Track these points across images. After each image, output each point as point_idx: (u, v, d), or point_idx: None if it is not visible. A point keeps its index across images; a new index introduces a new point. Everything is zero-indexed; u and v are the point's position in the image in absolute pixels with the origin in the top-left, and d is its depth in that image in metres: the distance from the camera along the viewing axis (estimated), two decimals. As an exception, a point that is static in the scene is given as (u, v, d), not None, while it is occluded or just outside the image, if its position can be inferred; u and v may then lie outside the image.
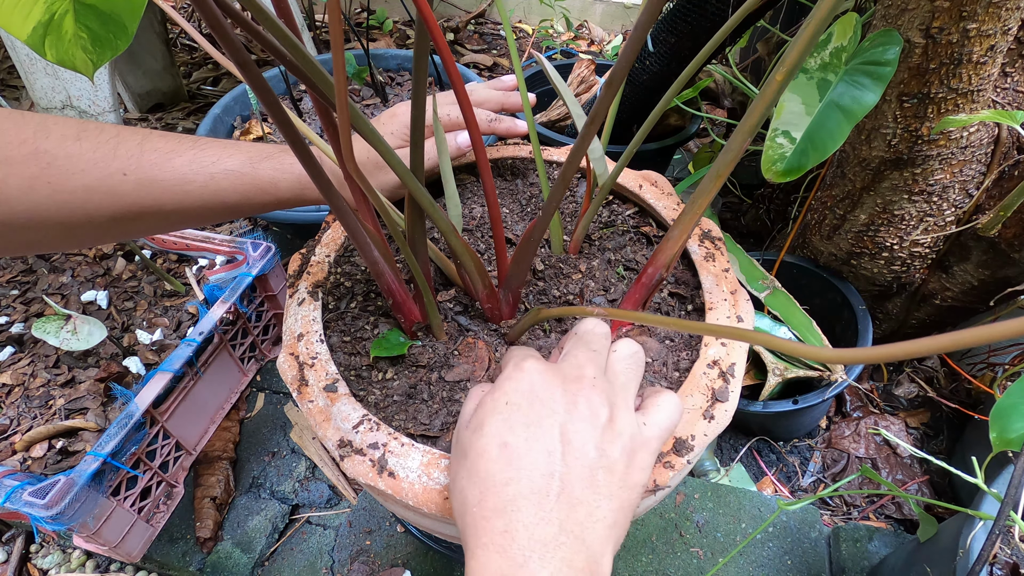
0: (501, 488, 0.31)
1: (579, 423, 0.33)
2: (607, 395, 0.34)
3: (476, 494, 0.32)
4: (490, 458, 0.32)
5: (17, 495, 0.63)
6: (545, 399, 0.33)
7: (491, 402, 0.34)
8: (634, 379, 0.37)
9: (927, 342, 0.20)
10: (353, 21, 2.00)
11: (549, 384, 0.34)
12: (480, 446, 0.33)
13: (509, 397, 0.34)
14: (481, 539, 0.30)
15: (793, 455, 0.88)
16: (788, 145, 0.60)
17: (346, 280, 0.55)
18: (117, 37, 0.27)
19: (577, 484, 0.31)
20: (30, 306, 0.91)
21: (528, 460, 0.31)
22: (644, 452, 0.34)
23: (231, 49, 0.28)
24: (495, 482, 0.31)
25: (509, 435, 0.32)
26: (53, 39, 0.27)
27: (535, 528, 0.30)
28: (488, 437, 0.33)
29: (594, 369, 0.35)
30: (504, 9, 0.48)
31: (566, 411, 0.33)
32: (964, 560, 0.52)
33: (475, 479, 0.32)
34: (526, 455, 0.32)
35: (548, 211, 0.42)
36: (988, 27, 0.58)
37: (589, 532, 0.31)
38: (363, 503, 0.82)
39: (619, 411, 0.34)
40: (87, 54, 0.28)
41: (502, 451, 0.32)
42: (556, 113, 1.21)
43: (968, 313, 0.82)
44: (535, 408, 0.33)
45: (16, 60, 1.09)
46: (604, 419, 0.33)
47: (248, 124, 1.19)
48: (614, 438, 0.33)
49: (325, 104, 0.36)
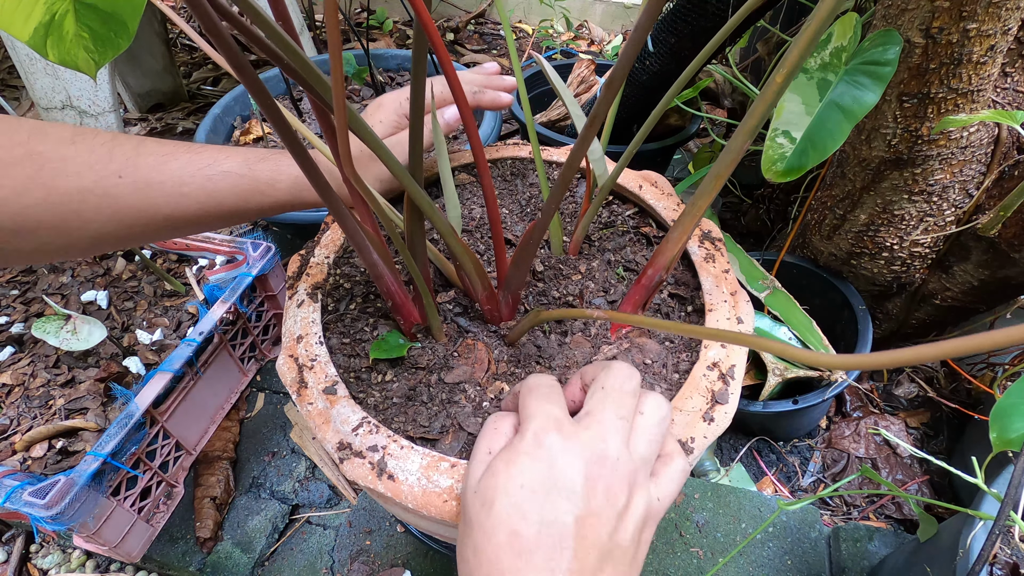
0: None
1: (595, 516, 0.31)
2: (628, 476, 0.33)
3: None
4: (498, 544, 0.31)
5: (17, 495, 0.63)
6: (562, 488, 0.31)
7: (504, 478, 0.32)
8: (655, 447, 0.35)
9: (926, 349, 0.20)
10: (353, 21, 2.00)
11: (569, 467, 0.32)
12: (489, 527, 0.31)
13: (524, 479, 0.32)
14: None
15: (793, 455, 0.88)
16: (788, 145, 0.60)
17: (345, 281, 0.55)
18: (118, 36, 0.27)
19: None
20: (30, 306, 0.91)
21: (539, 556, 0.30)
22: (651, 524, 0.34)
23: (227, 52, 0.28)
24: (503, 569, 0.30)
25: (521, 524, 0.31)
26: (55, 39, 0.27)
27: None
28: (497, 518, 0.31)
29: (618, 443, 0.33)
30: (504, 9, 0.48)
31: (583, 501, 0.31)
32: (964, 560, 0.52)
33: (481, 559, 0.31)
34: (537, 550, 0.30)
35: (548, 213, 0.42)
36: (988, 27, 0.58)
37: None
38: (363, 503, 0.82)
39: (637, 492, 0.33)
40: (89, 53, 0.28)
41: (512, 540, 0.31)
42: (556, 113, 1.21)
43: (968, 313, 0.82)
44: (551, 499, 0.31)
45: (16, 60, 1.09)
46: (621, 505, 0.32)
47: (248, 124, 1.19)
48: (628, 523, 0.32)
49: (323, 106, 0.36)
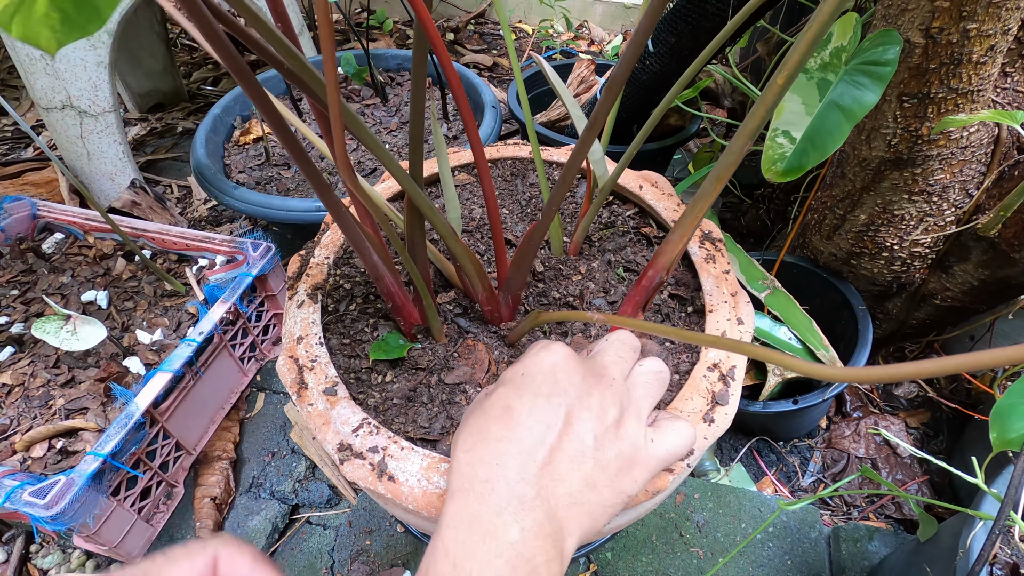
0: (493, 443, 0.32)
1: (585, 412, 0.33)
2: (621, 399, 0.35)
3: (469, 443, 0.33)
4: (490, 416, 0.33)
5: (17, 495, 0.63)
6: (560, 380, 0.34)
7: (509, 372, 0.36)
8: (654, 394, 0.37)
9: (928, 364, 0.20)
10: (353, 21, 1.99)
11: (569, 370, 0.35)
12: (485, 405, 0.34)
13: (527, 369, 0.35)
14: (463, 483, 0.32)
15: (793, 455, 0.88)
16: (788, 145, 0.60)
17: (345, 282, 0.54)
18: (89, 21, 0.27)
19: (564, 462, 0.32)
20: (30, 306, 0.91)
21: (525, 425, 0.32)
22: (642, 468, 0.34)
23: (225, 56, 0.28)
24: (489, 436, 0.33)
25: (515, 400, 0.33)
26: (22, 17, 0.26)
27: (515, 485, 0.31)
28: (495, 398, 0.34)
29: (617, 372, 0.36)
30: (503, 9, 0.48)
31: (577, 398, 0.34)
32: (964, 560, 0.52)
33: (471, 430, 0.34)
34: (524, 421, 0.32)
35: (548, 214, 0.42)
36: (988, 27, 0.58)
37: (563, 510, 0.31)
38: (363, 503, 0.82)
39: (628, 417, 0.35)
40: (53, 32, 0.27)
41: (504, 412, 0.33)
42: (556, 113, 1.21)
43: (968, 313, 0.82)
44: (547, 385, 0.34)
45: (16, 60, 1.09)
46: (612, 419, 0.34)
47: (248, 124, 1.19)
48: (615, 439, 0.33)
49: (323, 109, 0.36)
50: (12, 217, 0.98)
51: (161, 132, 1.55)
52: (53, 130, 1.16)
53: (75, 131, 1.15)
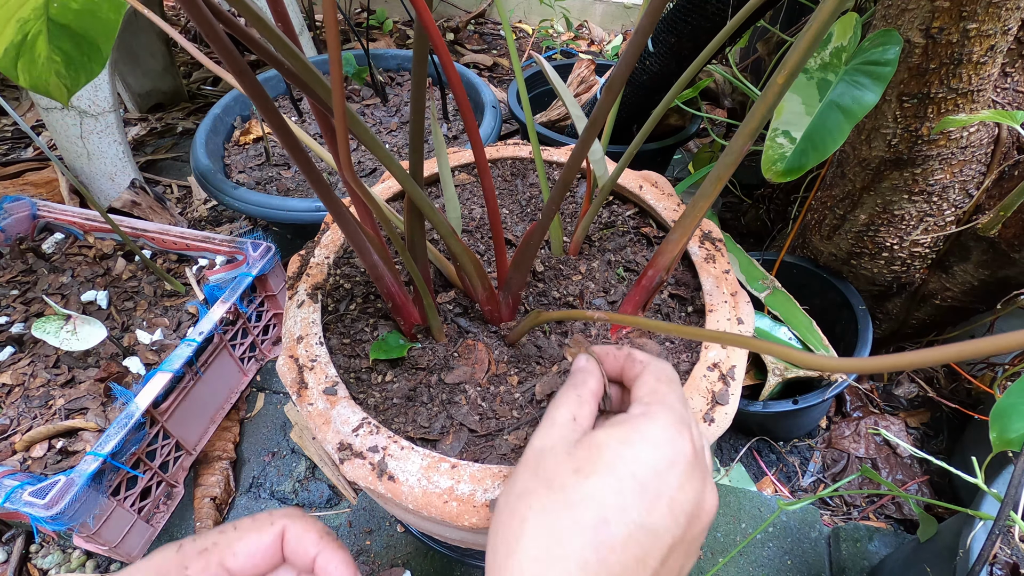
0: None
1: (685, 544, 0.28)
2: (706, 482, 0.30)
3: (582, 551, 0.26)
4: (579, 524, 0.26)
5: (17, 495, 0.63)
6: (675, 503, 0.28)
7: (614, 455, 0.28)
8: None
9: (927, 353, 0.20)
10: (353, 21, 1.99)
11: (688, 484, 0.28)
12: (575, 498, 0.27)
13: (638, 468, 0.28)
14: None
15: (793, 455, 0.88)
16: (788, 145, 0.60)
17: (345, 282, 0.55)
18: (92, 60, 0.27)
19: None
20: (30, 306, 0.91)
21: (614, 560, 0.26)
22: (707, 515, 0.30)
23: (227, 57, 0.28)
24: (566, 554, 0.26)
25: (615, 515, 0.26)
26: (26, 62, 0.26)
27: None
28: (589, 494, 0.27)
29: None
30: (504, 9, 0.48)
31: (683, 528, 0.28)
32: (964, 560, 0.52)
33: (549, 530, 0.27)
34: (616, 554, 0.26)
35: (548, 214, 0.42)
36: (988, 27, 0.58)
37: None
38: (363, 503, 0.82)
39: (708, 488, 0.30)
40: (61, 79, 0.27)
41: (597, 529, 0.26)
42: (556, 113, 1.21)
43: (968, 313, 0.82)
44: (658, 507, 0.27)
45: (15, 60, 1.10)
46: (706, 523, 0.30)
47: (248, 124, 1.19)
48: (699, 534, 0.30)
49: (323, 109, 0.36)
50: (12, 217, 0.98)
51: (161, 132, 1.55)
52: (53, 130, 1.16)
53: (75, 131, 1.15)
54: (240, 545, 0.30)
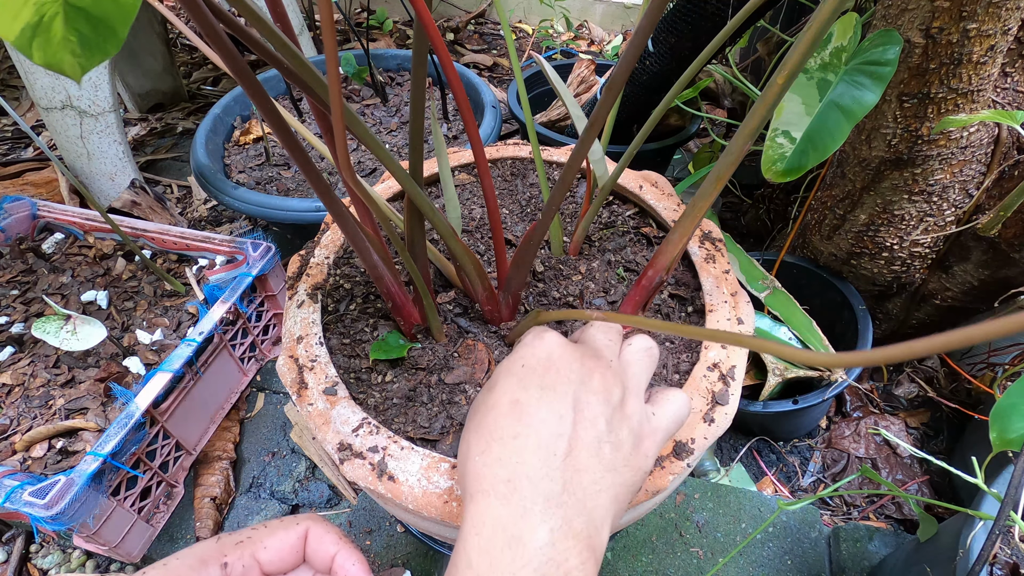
0: (509, 440, 0.31)
1: (592, 396, 0.33)
2: (621, 379, 0.35)
3: (481, 444, 0.32)
4: (500, 412, 0.32)
5: (17, 495, 0.63)
6: (561, 367, 0.33)
7: (507, 364, 0.35)
8: (647, 371, 0.37)
9: (925, 342, 0.20)
10: (353, 21, 1.99)
11: (567, 355, 0.34)
12: (491, 401, 0.33)
13: (526, 360, 0.34)
14: (482, 485, 0.30)
15: (793, 455, 0.88)
16: (788, 145, 0.60)
17: (345, 282, 0.55)
18: (107, 42, 0.27)
19: (584, 451, 0.31)
20: (30, 306, 0.91)
21: (538, 418, 0.31)
22: (650, 440, 0.34)
23: (227, 56, 0.28)
24: (503, 434, 0.31)
25: (521, 393, 0.32)
26: (41, 41, 0.26)
27: (539, 482, 0.29)
28: (500, 394, 0.33)
29: (610, 353, 0.36)
30: (503, 9, 0.48)
31: (581, 382, 0.33)
32: (964, 560, 0.52)
33: (482, 431, 0.32)
34: (536, 413, 0.31)
35: (548, 214, 0.42)
36: (988, 27, 0.58)
37: (591, 499, 0.30)
38: (363, 503, 0.82)
39: (630, 395, 0.35)
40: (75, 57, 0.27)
41: (513, 407, 0.32)
42: (556, 113, 1.21)
43: (968, 313, 0.82)
44: (551, 373, 0.33)
45: (16, 60, 1.09)
46: (616, 399, 0.33)
47: (248, 124, 1.19)
48: (624, 419, 0.33)
49: (322, 109, 0.36)
50: (12, 217, 0.98)
51: (161, 132, 1.55)
52: (53, 130, 1.16)
53: (75, 131, 1.15)
54: (270, 540, 0.34)
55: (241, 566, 0.33)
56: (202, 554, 0.33)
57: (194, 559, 0.32)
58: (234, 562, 0.33)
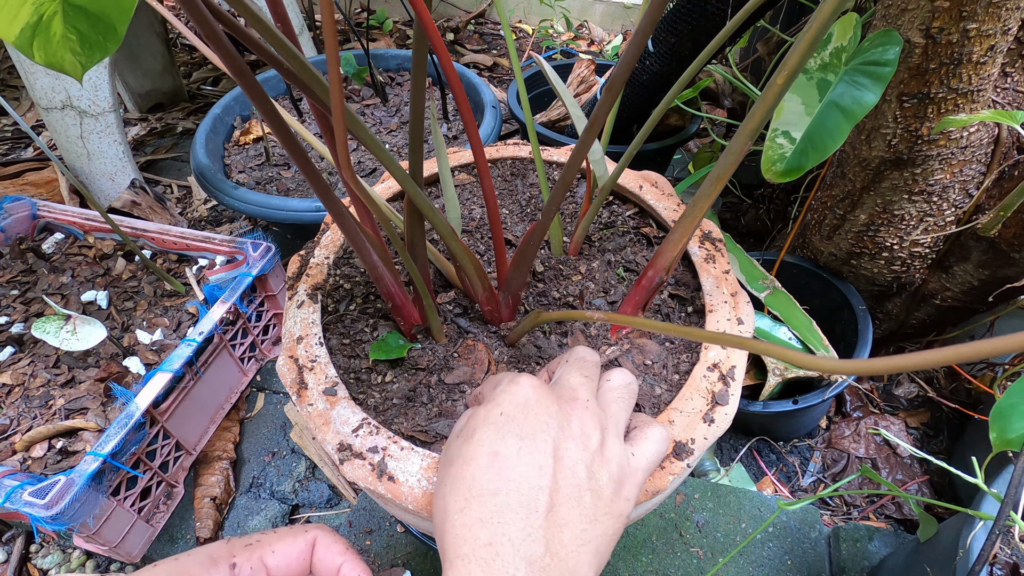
0: (488, 498, 0.30)
1: (571, 441, 0.32)
2: (599, 420, 0.34)
3: (460, 501, 0.31)
4: (478, 465, 0.31)
5: (17, 495, 0.63)
6: (539, 413, 0.33)
7: (484, 412, 0.34)
8: (625, 409, 0.37)
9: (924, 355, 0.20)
10: (353, 21, 1.99)
11: (544, 400, 0.34)
12: (468, 452, 0.32)
13: (503, 408, 0.33)
14: (461, 549, 0.29)
15: (793, 455, 0.88)
16: (788, 145, 0.60)
17: (345, 282, 0.55)
18: (107, 39, 0.27)
19: (565, 504, 0.30)
20: (30, 306, 0.91)
21: (518, 472, 0.31)
22: (631, 483, 0.34)
23: (226, 57, 0.28)
24: (482, 490, 0.30)
25: (500, 445, 0.32)
26: (41, 41, 0.27)
27: (521, 544, 0.29)
28: (478, 445, 0.32)
29: (587, 393, 0.35)
30: (503, 9, 0.48)
31: (559, 428, 0.32)
32: (964, 560, 0.52)
33: (459, 486, 0.31)
34: (516, 467, 0.31)
35: (548, 214, 0.42)
36: (988, 27, 0.58)
37: (573, 557, 0.30)
38: (363, 503, 0.82)
39: (609, 437, 0.34)
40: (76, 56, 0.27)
41: (492, 460, 0.31)
42: (556, 113, 1.21)
43: (968, 313, 0.82)
44: (529, 421, 0.32)
45: (16, 60, 1.09)
46: (596, 443, 0.33)
47: (248, 124, 1.19)
48: (603, 463, 0.33)
49: (322, 109, 0.36)
50: (12, 217, 0.98)
51: (161, 132, 1.55)
52: (53, 130, 1.16)
53: (75, 131, 1.15)
54: (279, 545, 0.35)
55: (249, 568, 0.34)
56: (212, 553, 0.34)
57: (204, 557, 0.33)
58: (242, 564, 0.34)
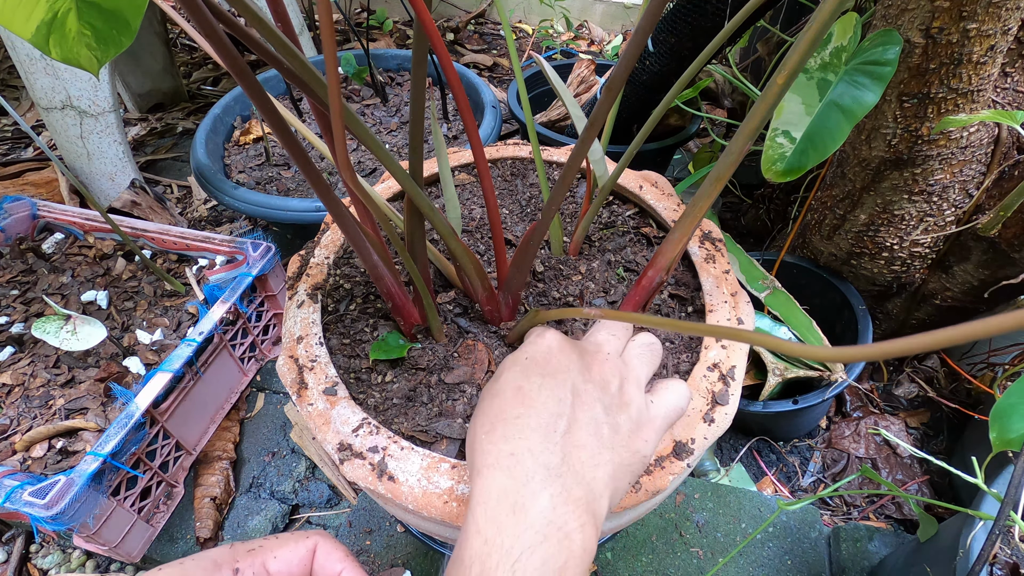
0: (512, 420, 0.33)
1: (590, 384, 0.35)
2: (620, 370, 0.37)
3: (487, 425, 0.34)
4: (504, 398, 0.35)
5: (17, 495, 0.63)
6: (561, 360, 0.36)
7: (511, 359, 0.38)
8: (648, 364, 0.39)
9: (924, 338, 0.19)
10: (353, 21, 2.00)
11: (567, 350, 0.37)
12: (496, 389, 0.36)
13: (529, 354, 0.37)
14: (487, 459, 0.33)
15: (793, 455, 0.88)
16: (788, 145, 0.60)
17: (345, 282, 0.55)
18: (121, 34, 0.28)
19: (583, 430, 0.33)
20: (30, 306, 0.91)
21: (539, 401, 0.34)
22: (649, 428, 0.36)
23: (226, 57, 0.28)
24: (506, 416, 0.34)
25: (524, 381, 0.35)
26: (57, 37, 0.27)
27: (540, 455, 0.32)
28: (504, 383, 0.36)
29: (611, 348, 0.38)
30: (504, 9, 0.48)
31: (579, 373, 0.36)
32: (964, 560, 0.52)
33: (488, 414, 0.35)
34: (537, 397, 0.34)
35: (548, 214, 0.42)
36: (988, 27, 0.58)
37: (589, 472, 0.33)
38: (363, 503, 0.82)
39: (629, 384, 0.36)
40: (91, 51, 0.28)
41: (516, 393, 0.35)
42: (556, 113, 1.21)
43: (968, 313, 0.82)
44: (551, 364, 0.36)
45: (16, 60, 1.09)
46: (614, 388, 0.36)
47: (248, 124, 1.19)
48: (622, 406, 0.35)
49: (322, 108, 0.36)
50: (12, 217, 0.98)
51: (161, 132, 1.55)
52: (53, 130, 1.16)
53: (75, 131, 1.15)
54: (281, 551, 0.36)
55: (251, 572, 0.35)
56: (216, 558, 0.34)
57: (208, 562, 0.34)
58: (245, 568, 0.35)
